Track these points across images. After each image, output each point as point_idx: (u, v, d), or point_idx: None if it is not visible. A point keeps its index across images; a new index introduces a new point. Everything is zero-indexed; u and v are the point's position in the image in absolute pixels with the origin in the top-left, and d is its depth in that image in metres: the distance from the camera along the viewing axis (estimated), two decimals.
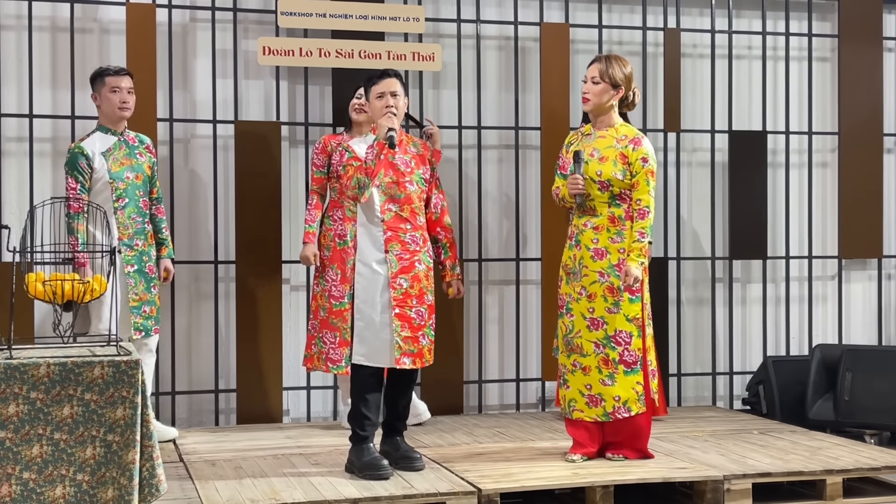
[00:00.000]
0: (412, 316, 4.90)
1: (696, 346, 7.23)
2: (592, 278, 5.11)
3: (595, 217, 5.14)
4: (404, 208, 4.95)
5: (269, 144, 6.42)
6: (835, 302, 7.43)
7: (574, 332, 5.15)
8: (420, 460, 4.96)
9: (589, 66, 5.24)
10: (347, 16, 6.47)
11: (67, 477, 3.82)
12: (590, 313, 5.12)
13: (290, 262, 6.53)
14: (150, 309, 5.66)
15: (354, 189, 4.88)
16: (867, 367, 6.43)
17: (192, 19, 6.49)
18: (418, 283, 4.94)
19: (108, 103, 5.63)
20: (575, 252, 5.17)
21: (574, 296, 5.16)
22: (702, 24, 7.22)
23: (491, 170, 6.92)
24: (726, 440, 5.75)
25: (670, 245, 7.09)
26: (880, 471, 5.18)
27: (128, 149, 5.68)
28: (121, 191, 5.60)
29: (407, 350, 4.87)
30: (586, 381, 5.14)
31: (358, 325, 4.91)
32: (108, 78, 5.62)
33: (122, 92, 5.62)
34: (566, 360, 5.20)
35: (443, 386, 6.52)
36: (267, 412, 6.36)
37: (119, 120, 5.68)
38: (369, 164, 4.84)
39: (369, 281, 4.90)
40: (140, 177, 5.68)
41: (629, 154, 5.12)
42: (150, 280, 5.68)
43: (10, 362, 3.79)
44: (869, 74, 7.35)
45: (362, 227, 4.96)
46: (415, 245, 4.96)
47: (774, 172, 7.32)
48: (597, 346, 5.11)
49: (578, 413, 5.16)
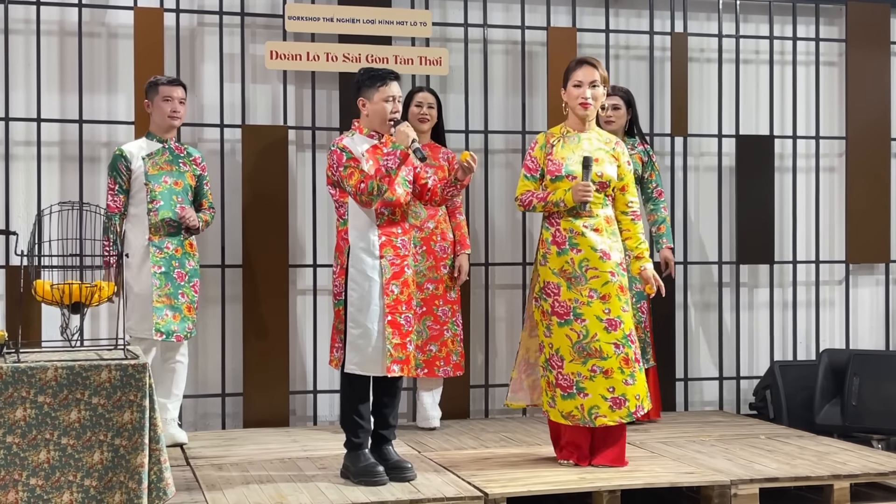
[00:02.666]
0: (402, 322, 4.83)
1: (702, 350, 7.22)
2: (604, 279, 5.06)
3: (592, 218, 5.11)
4: (395, 212, 4.86)
5: (277, 149, 6.42)
6: (842, 307, 7.41)
7: (590, 337, 5.05)
8: (411, 470, 4.86)
9: (576, 71, 5.13)
10: (355, 20, 6.47)
11: (75, 482, 3.82)
12: (606, 314, 5.06)
13: (296, 265, 6.54)
14: (174, 315, 5.69)
15: (370, 195, 4.69)
16: (875, 372, 6.42)
17: (199, 23, 6.50)
18: (407, 289, 4.87)
19: (158, 112, 5.74)
20: (572, 256, 5.07)
21: (583, 300, 5.07)
22: (709, 29, 7.22)
23: (498, 174, 6.92)
24: (733, 445, 5.74)
25: (678, 249, 7.08)
26: (888, 476, 5.16)
27: (171, 156, 5.77)
28: (156, 193, 5.68)
29: (397, 357, 4.79)
30: (609, 384, 5.04)
31: (352, 334, 4.79)
32: (162, 87, 5.74)
33: (173, 101, 5.74)
34: (580, 367, 5.06)
35: (449, 390, 6.51)
36: (274, 416, 6.36)
37: (168, 129, 5.79)
38: (391, 173, 4.69)
39: (365, 289, 4.79)
40: (180, 184, 5.75)
41: (618, 156, 5.16)
42: (177, 286, 5.71)
43: (18, 366, 3.79)
44: (876, 79, 7.33)
45: (356, 232, 4.82)
46: (405, 250, 4.88)
47: (782, 177, 7.31)
48: (617, 346, 5.05)
49: (602, 420, 5.04)
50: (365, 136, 4.90)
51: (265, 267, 6.37)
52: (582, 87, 5.12)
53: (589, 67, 5.14)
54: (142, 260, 5.67)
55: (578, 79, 5.13)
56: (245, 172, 6.39)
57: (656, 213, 6.36)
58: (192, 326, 5.79)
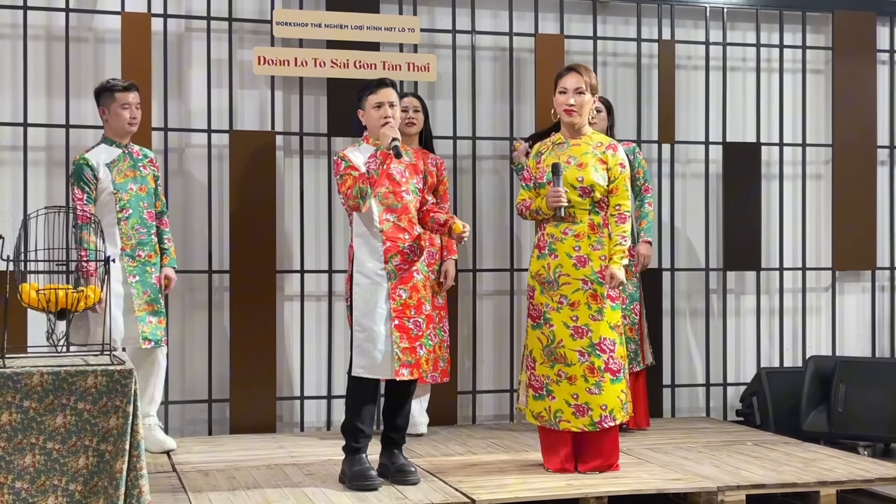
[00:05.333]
0: (410, 327, 4.88)
1: (689, 357, 7.23)
2: (575, 286, 5.09)
3: (575, 224, 5.12)
4: (402, 218, 4.91)
5: (264, 154, 6.41)
6: (828, 313, 7.43)
7: (556, 342, 5.10)
8: (415, 474, 4.91)
9: (564, 78, 5.17)
10: (343, 26, 6.47)
11: (60, 487, 3.81)
12: (573, 321, 5.09)
13: (283, 271, 6.53)
14: (159, 320, 5.67)
15: (356, 199, 4.79)
16: (861, 379, 6.44)
17: (187, 29, 6.50)
18: (416, 294, 4.92)
19: (116, 119, 5.64)
20: (549, 261, 5.12)
21: (553, 305, 5.11)
22: (696, 36, 7.24)
23: (486, 180, 6.92)
24: (720, 451, 5.75)
25: (664, 256, 7.09)
26: (874, 482, 5.18)
27: (132, 161, 5.70)
28: (124, 202, 5.61)
29: (405, 361, 4.84)
30: (573, 391, 5.09)
31: (358, 338, 4.86)
32: (118, 94, 5.63)
33: (131, 108, 5.66)
34: (549, 370, 5.13)
35: (437, 396, 6.51)
36: (260, 422, 6.34)
37: (126, 134, 5.71)
38: (372, 174, 4.79)
39: (369, 293, 4.86)
40: (144, 189, 5.70)
41: (608, 159, 5.15)
42: (157, 291, 5.69)
43: (4, 371, 3.78)
44: (863, 86, 7.37)
45: (360, 238, 4.91)
46: (413, 255, 4.93)
47: (768, 184, 7.33)
48: (581, 354, 5.08)
49: (565, 423, 5.11)
50: (370, 145, 4.98)
51: (252, 272, 6.36)
52: (567, 94, 5.15)
53: (575, 74, 5.16)
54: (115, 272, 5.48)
55: (564, 85, 5.17)
56: (232, 178, 6.38)
57: (641, 207, 6.36)
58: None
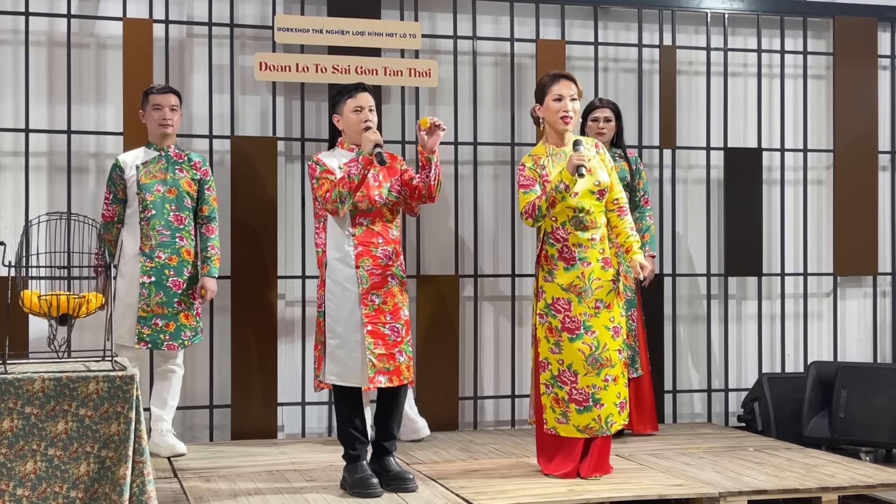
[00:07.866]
0: (386, 332, 4.79)
1: (691, 362, 7.23)
2: (607, 288, 5.10)
3: (596, 228, 5.11)
4: (375, 221, 4.84)
5: (266, 160, 6.42)
6: (830, 319, 7.43)
7: (601, 348, 5.06)
8: (413, 481, 4.86)
9: (557, 84, 5.08)
10: (344, 32, 6.48)
11: (61, 494, 3.80)
12: (611, 322, 5.10)
13: (285, 277, 6.53)
14: (166, 324, 5.67)
15: (335, 203, 4.71)
16: (862, 385, 6.43)
17: (188, 34, 6.50)
18: (392, 299, 4.83)
19: (150, 120, 5.81)
20: (582, 270, 5.04)
21: (590, 312, 5.06)
22: (697, 42, 7.25)
23: (487, 186, 6.93)
24: (722, 457, 5.75)
25: (666, 261, 7.09)
26: (876, 488, 5.17)
27: (167, 163, 5.79)
28: (147, 202, 5.70)
29: (382, 368, 4.76)
30: (617, 391, 5.11)
31: (330, 344, 4.80)
32: (153, 96, 5.80)
33: (163, 109, 5.77)
34: (595, 378, 5.05)
35: (438, 402, 6.51)
36: (262, 428, 6.34)
37: (163, 137, 5.81)
38: (353, 179, 4.70)
39: (340, 299, 4.79)
40: (173, 191, 5.76)
41: (603, 158, 5.19)
42: (173, 295, 5.69)
43: (5, 377, 3.78)
44: (863, 92, 7.37)
45: (331, 243, 4.84)
46: (387, 260, 4.83)
47: (770, 189, 7.33)
48: (619, 352, 5.13)
49: (615, 426, 5.12)
50: (345, 150, 4.94)
51: (254, 278, 6.36)
52: (563, 101, 5.08)
53: (568, 81, 5.10)
54: (132, 269, 5.69)
55: (559, 93, 5.08)
56: (234, 183, 6.38)
57: (642, 220, 6.37)
58: (192, 334, 5.78)
